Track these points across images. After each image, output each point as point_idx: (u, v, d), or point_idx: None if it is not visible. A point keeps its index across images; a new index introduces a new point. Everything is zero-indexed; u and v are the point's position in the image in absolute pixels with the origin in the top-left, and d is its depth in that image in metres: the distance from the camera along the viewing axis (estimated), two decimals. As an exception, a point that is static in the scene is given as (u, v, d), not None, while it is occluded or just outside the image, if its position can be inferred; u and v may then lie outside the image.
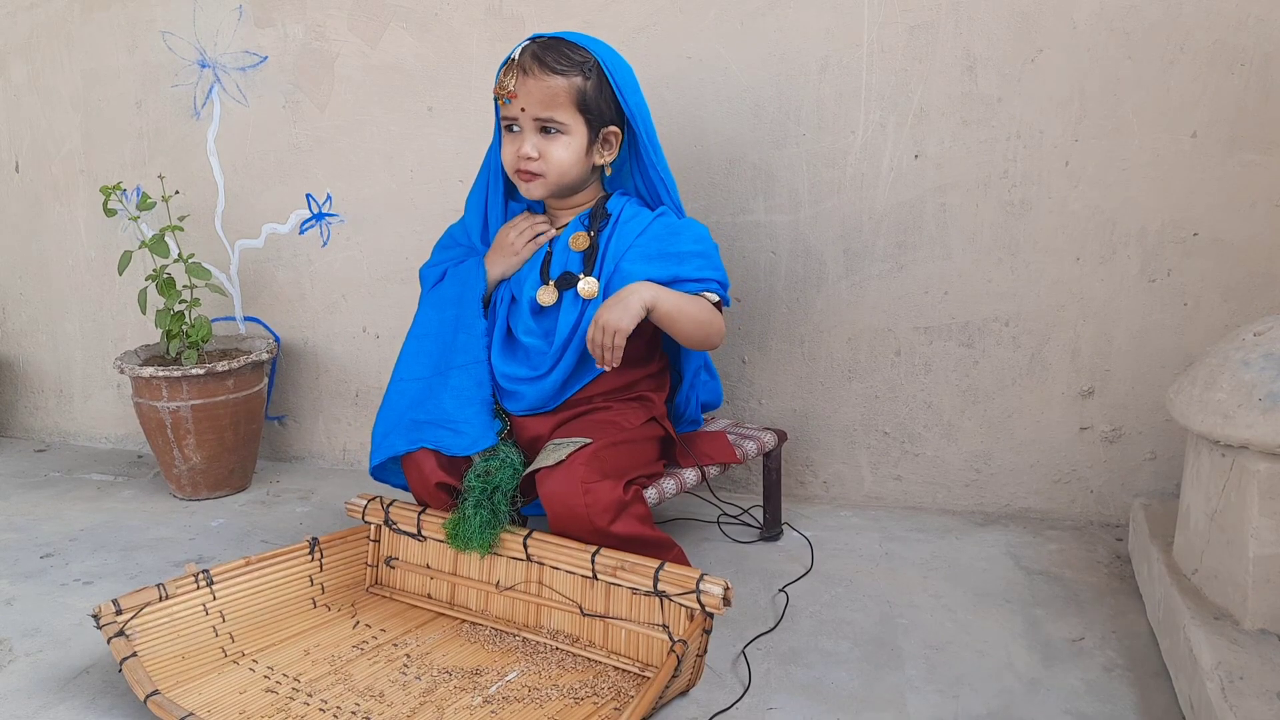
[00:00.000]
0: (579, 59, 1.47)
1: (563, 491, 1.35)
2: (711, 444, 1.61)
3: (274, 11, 2.10)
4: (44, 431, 2.59)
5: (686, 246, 1.50)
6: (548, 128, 1.48)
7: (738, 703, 1.25)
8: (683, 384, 1.62)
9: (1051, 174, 1.68)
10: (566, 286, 1.52)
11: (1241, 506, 1.20)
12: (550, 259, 1.54)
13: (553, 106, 1.47)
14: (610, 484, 1.36)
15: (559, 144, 1.49)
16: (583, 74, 1.47)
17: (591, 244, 1.53)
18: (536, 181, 1.51)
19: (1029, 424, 1.77)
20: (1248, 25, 1.54)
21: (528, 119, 1.48)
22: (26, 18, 2.34)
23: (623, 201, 1.57)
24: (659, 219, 1.54)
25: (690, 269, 1.48)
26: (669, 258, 1.48)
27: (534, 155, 1.48)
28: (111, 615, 1.30)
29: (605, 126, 1.51)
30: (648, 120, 1.54)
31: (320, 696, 1.26)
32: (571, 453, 1.38)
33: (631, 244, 1.50)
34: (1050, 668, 1.31)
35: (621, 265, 1.49)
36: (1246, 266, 1.61)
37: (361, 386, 2.21)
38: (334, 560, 1.54)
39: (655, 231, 1.52)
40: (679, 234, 1.51)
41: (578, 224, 1.56)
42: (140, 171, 2.28)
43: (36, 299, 2.51)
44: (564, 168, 1.50)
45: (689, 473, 1.56)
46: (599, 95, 1.48)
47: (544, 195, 1.53)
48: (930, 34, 1.69)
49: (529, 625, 1.42)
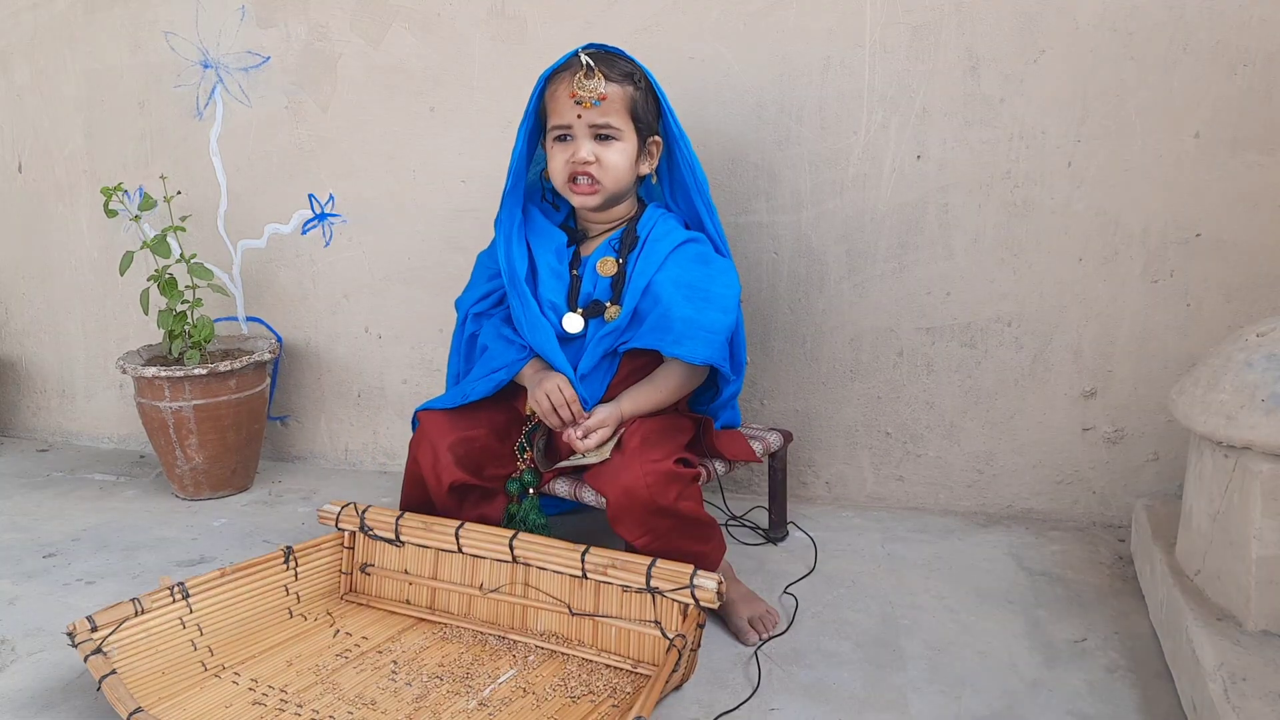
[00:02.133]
0: (629, 69, 1.50)
1: (624, 477, 1.35)
2: (731, 443, 1.60)
3: (276, 12, 2.10)
4: (47, 431, 2.59)
5: (716, 290, 1.50)
6: (604, 134, 1.49)
7: (743, 704, 1.25)
8: (718, 399, 1.61)
9: (1054, 174, 1.68)
10: (594, 315, 1.52)
11: (1244, 508, 1.19)
12: (579, 284, 1.54)
13: (611, 113, 1.48)
14: (668, 463, 1.36)
15: (614, 150, 1.50)
16: (634, 83, 1.49)
17: (619, 271, 1.53)
18: (594, 192, 1.51)
19: (1031, 425, 1.77)
20: (1250, 26, 1.54)
21: (583, 125, 1.49)
22: (30, 18, 2.34)
23: (655, 216, 1.56)
24: (692, 242, 1.54)
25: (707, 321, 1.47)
26: (697, 293, 1.49)
27: (591, 159, 1.49)
28: (87, 632, 1.26)
29: (650, 136, 1.54)
30: (684, 132, 1.55)
31: (311, 707, 1.25)
32: (613, 448, 1.40)
33: (662, 264, 1.50)
34: (1052, 668, 1.31)
35: (654, 287, 1.48)
36: (1249, 267, 1.61)
37: (364, 387, 2.21)
38: (309, 569, 1.52)
39: (689, 254, 1.52)
40: (709, 263, 1.52)
41: (607, 247, 1.56)
42: (143, 172, 2.28)
43: (39, 299, 2.51)
44: (619, 173, 1.51)
45: (717, 463, 1.56)
46: (645, 106, 1.51)
47: (598, 205, 1.54)
48: (933, 34, 1.69)
49: (515, 627, 1.42)
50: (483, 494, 1.53)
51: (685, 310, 1.46)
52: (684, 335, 1.45)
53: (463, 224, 2.04)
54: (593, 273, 1.54)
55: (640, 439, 1.40)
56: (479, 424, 1.54)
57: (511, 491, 1.53)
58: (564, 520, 1.75)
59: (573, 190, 1.52)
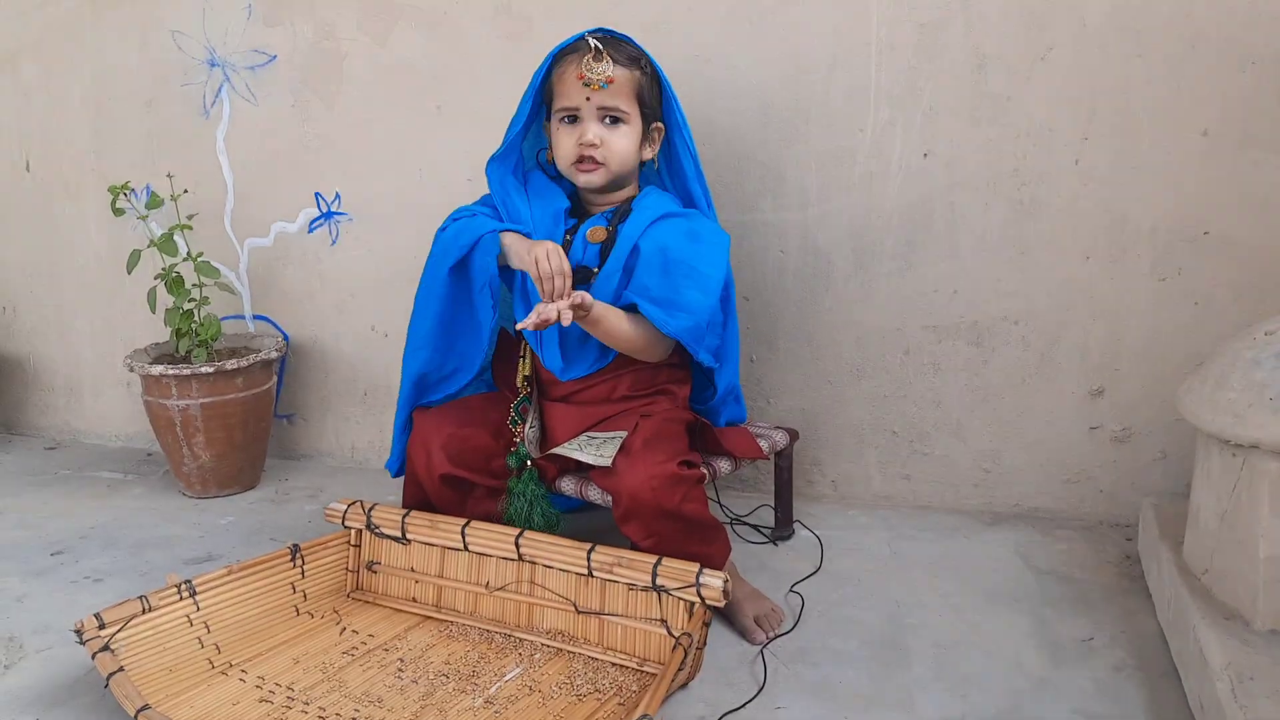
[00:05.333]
0: (635, 53, 1.51)
1: (630, 480, 1.35)
2: (737, 439, 1.60)
3: (283, 10, 2.11)
4: (54, 429, 2.60)
5: (701, 267, 1.47)
6: (611, 117, 1.50)
7: (749, 702, 1.25)
8: (715, 396, 1.61)
9: (1061, 172, 1.67)
10: (582, 280, 1.52)
11: (1252, 506, 1.19)
12: (568, 249, 1.55)
13: (619, 96, 1.49)
14: (672, 465, 1.36)
15: (620, 133, 1.51)
16: (640, 68, 1.51)
17: (609, 238, 1.53)
18: (598, 171, 1.52)
19: (1038, 423, 1.77)
20: (1259, 23, 1.53)
21: (591, 108, 1.49)
22: (38, 17, 2.35)
23: (651, 192, 1.57)
24: (683, 217, 1.53)
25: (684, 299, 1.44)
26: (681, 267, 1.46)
27: (597, 142, 1.50)
28: (95, 630, 1.26)
29: (653, 121, 1.55)
30: (686, 121, 1.56)
31: (318, 704, 1.25)
32: (615, 449, 1.40)
33: (649, 227, 1.49)
34: (1059, 668, 1.31)
35: (641, 248, 1.47)
36: (1257, 265, 1.60)
37: (370, 385, 2.21)
38: (315, 567, 1.52)
39: (681, 228, 1.51)
40: (698, 240, 1.50)
41: (600, 218, 1.57)
42: (150, 170, 2.28)
43: (47, 297, 2.52)
44: (624, 156, 1.52)
45: (722, 461, 1.56)
46: (650, 91, 1.52)
47: (603, 184, 1.54)
48: (940, 32, 1.69)
49: (521, 625, 1.42)
50: (487, 491, 1.53)
51: (664, 280, 1.45)
52: (658, 303, 1.44)
53: (469, 222, 2.04)
54: (582, 239, 1.54)
55: (643, 440, 1.40)
56: (473, 421, 1.55)
57: (511, 466, 1.53)
58: (570, 519, 1.75)
59: (578, 170, 1.53)
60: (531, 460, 1.52)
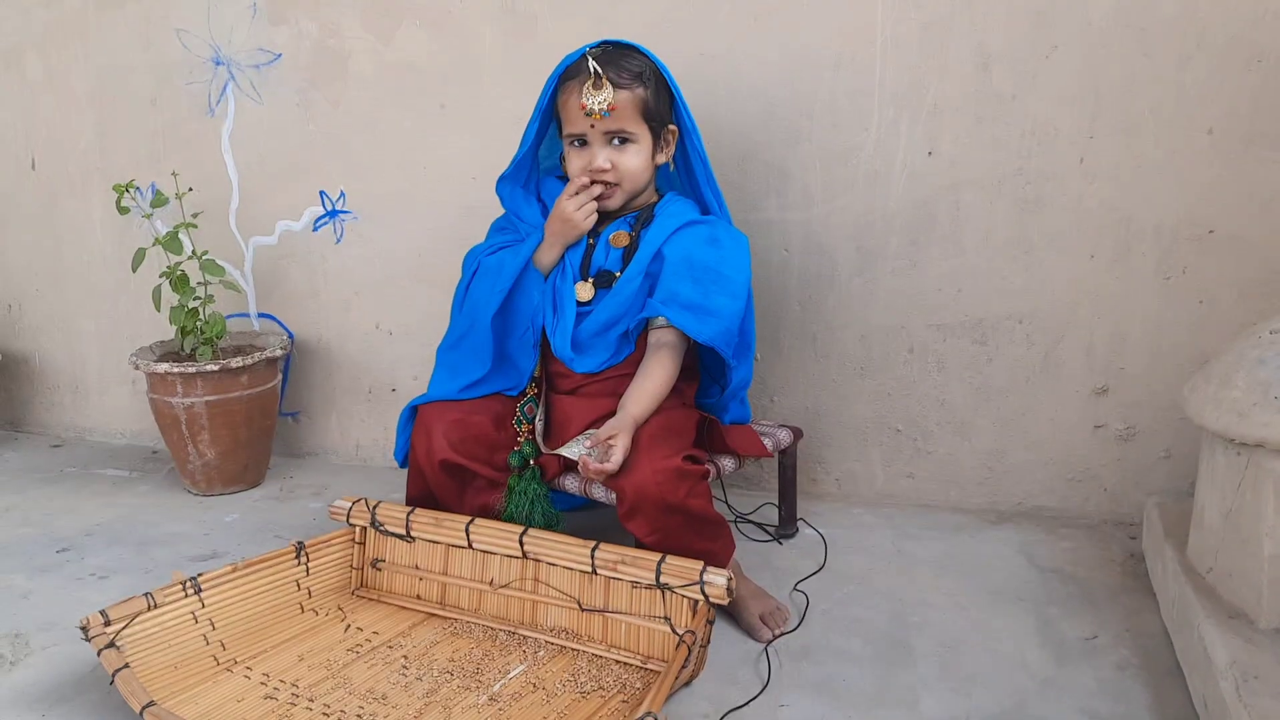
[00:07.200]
0: (638, 68, 1.50)
1: (635, 476, 1.35)
2: (742, 437, 1.60)
3: (288, 9, 2.11)
4: (60, 427, 2.60)
5: (727, 272, 1.50)
6: (619, 138, 1.51)
7: (753, 700, 1.25)
8: (724, 391, 1.61)
9: (1066, 171, 1.67)
10: (604, 284, 1.53)
11: (1257, 505, 1.19)
12: (591, 254, 1.55)
13: (623, 119, 1.49)
14: (676, 460, 1.36)
15: (629, 153, 1.52)
16: (643, 83, 1.50)
17: (632, 242, 1.54)
18: (614, 194, 1.54)
19: (1042, 422, 1.77)
20: (1265, 21, 1.53)
21: (597, 134, 1.50)
22: (42, 14, 2.35)
23: (672, 199, 1.59)
24: (704, 224, 1.54)
25: (714, 305, 1.47)
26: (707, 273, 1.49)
27: (607, 167, 1.51)
28: (100, 627, 1.26)
29: (664, 127, 1.55)
30: (696, 124, 1.56)
31: (322, 701, 1.25)
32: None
33: (672, 235, 1.51)
34: (1063, 666, 1.31)
35: (664, 256, 1.50)
36: (1262, 264, 1.60)
37: (375, 383, 2.22)
38: (320, 564, 1.52)
39: (701, 235, 1.52)
40: (719, 245, 1.52)
41: (622, 223, 1.57)
42: (155, 168, 2.29)
43: (52, 295, 2.52)
44: (636, 174, 1.53)
45: (727, 459, 1.56)
46: (657, 100, 1.52)
47: (620, 204, 1.56)
48: (944, 30, 1.69)
49: (525, 623, 1.42)
50: (487, 483, 1.53)
51: (693, 288, 1.47)
52: (689, 309, 1.45)
53: (474, 221, 2.03)
54: (605, 244, 1.56)
55: (648, 436, 1.40)
56: (477, 409, 1.55)
57: (513, 464, 1.53)
58: (574, 516, 1.75)
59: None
60: (534, 458, 1.52)
